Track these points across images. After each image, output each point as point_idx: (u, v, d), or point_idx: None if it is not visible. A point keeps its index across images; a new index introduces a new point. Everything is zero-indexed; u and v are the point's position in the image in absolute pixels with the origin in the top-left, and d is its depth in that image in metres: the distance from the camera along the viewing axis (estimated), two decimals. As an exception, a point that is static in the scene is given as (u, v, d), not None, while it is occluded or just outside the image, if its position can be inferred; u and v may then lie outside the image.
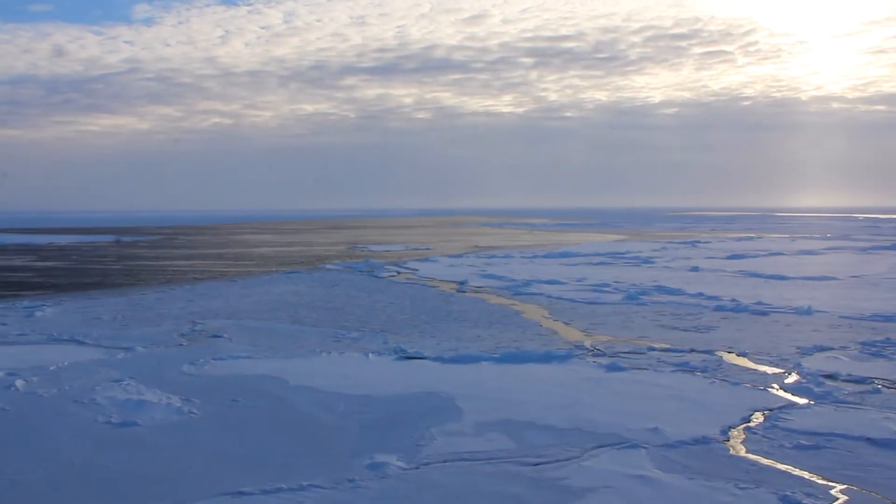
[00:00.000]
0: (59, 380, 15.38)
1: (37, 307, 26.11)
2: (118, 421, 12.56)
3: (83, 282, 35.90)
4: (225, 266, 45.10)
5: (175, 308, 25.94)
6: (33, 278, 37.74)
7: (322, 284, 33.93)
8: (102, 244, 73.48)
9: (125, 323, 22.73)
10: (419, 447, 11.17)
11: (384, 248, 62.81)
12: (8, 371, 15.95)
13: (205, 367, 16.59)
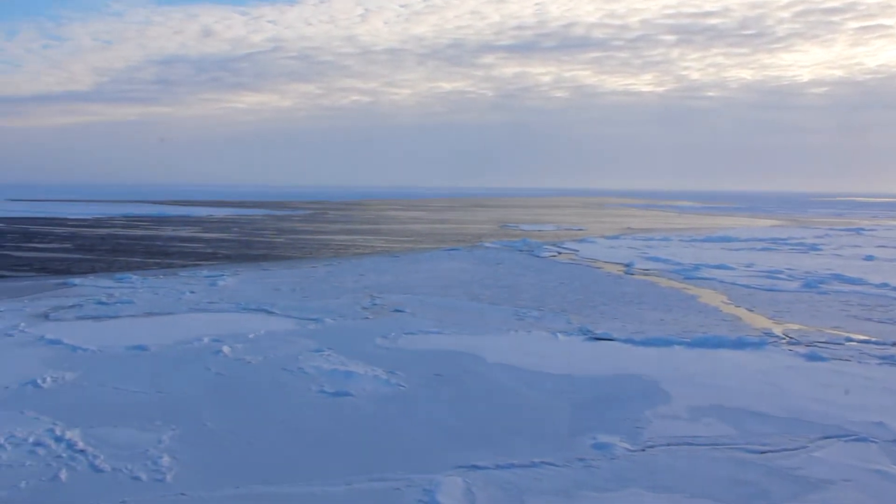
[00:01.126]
0: (261, 348, 16.17)
1: (217, 277, 27.43)
2: (332, 391, 13.13)
3: (251, 253, 37.47)
4: (384, 242, 46.23)
5: (348, 282, 26.79)
6: (204, 249, 39.66)
7: (486, 262, 34.32)
8: (258, 217, 76.19)
9: (305, 294, 23.59)
10: (638, 429, 11.29)
11: (536, 227, 62.90)
12: (212, 338, 16.91)
13: (398, 341, 17.11)
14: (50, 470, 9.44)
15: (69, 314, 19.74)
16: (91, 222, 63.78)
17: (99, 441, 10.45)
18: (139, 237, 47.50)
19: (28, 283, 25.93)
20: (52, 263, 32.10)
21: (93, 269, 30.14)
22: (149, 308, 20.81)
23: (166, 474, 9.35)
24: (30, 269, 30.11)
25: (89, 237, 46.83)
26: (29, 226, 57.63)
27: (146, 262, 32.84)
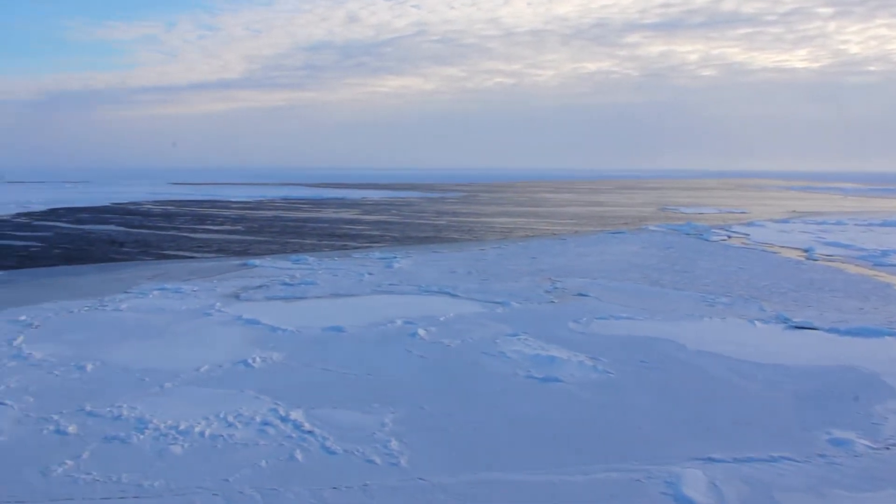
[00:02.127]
0: (456, 331, 16.08)
1: (390, 259, 27.68)
2: (540, 376, 12.88)
3: (417, 236, 37.75)
4: (545, 224, 45.89)
5: (522, 265, 26.59)
6: (370, 231, 40.25)
7: (655, 246, 33.46)
8: (413, 200, 77.04)
9: (483, 278, 23.44)
10: (875, 425, 10.60)
11: (696, 210, 61.15)
12: (404, 320, 16.95)
13: (591, 326, 16.73)
14: (284, 450, 9.51)
15: (258, 294, 20.17)
16: (253, 205, 65.93)
17: (323, 423, 10.48)
18: (304, 219, 48.65)
19: (211, 264, 26.81)
20: (229, 245, 33.20)
21: (268, 250, 30.89)
22: (332, 289, 21.08)
23: (399, 458, 9.28)
24: (210, 251, 31.20)
25: (256, 219, 48.30)
26: (197, 208, 60.04)
27: (318, 244, 33.53)
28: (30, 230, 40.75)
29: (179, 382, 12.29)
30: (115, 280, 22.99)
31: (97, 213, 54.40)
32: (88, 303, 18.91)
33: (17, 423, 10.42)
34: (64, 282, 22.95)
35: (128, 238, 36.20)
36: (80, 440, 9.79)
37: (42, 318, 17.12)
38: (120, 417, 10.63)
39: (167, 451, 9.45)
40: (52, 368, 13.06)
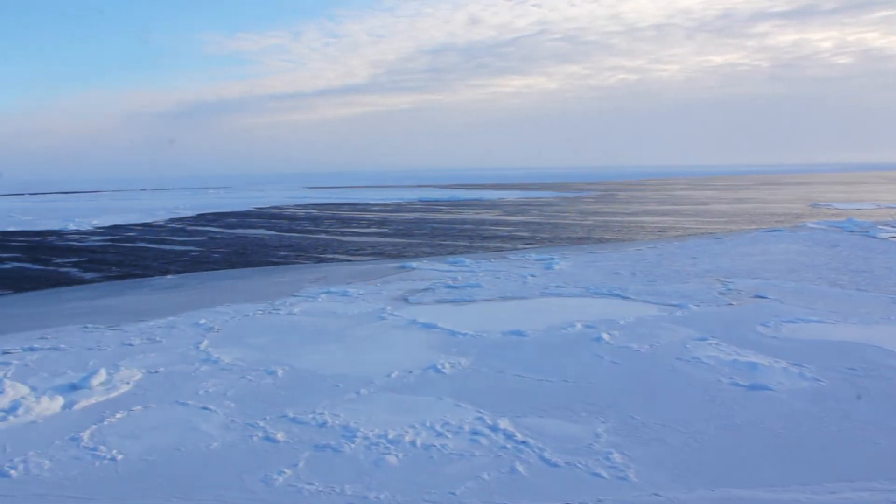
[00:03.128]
0: (640, 335, 15.47)
1: (548, 260, 27.15)
2: (746, 383, 12.18)
3: (568, 236, 37.08)
4: (694, 222, 44.61)
5: (685, 265, 25.70)
6: (518, 232, 39.90)
7: (819, 244, 31.84)
8: (549, 200, 76.28)
9: (649, 279, 22.70)
10: None
11: (852, 206, 58.18)
12: (584, 323, 16.42)
13: (781, 330, 15.86)
14: (503, 462, 9.13)
15: (426, 298, 19.95)
16: (392, 207, 66.46)
17: (534, 433, 10.06)
18: (448, 221, 48.59)
19: (369, 267, 26.85)
20: (382, 248, 33.32)
21: (422, 252, 30.80)
22: (499, 292, 20.69)
23: (627, 472, 8.77)
24: (364, 254, 31.32)
25: (401, 222, 48.53)
26: (338, 212, 60.89)
27: (471, 247, 33.29)
28: (185, 235, 41.99)
29: (374, 389, 12.06)
30: (280, 283, 23.19)
31: (243, 218, 55.75)
32: (260, 306, 19.02)
33: (225, 428, 10.32)
34: (231, 285, 23.32)
35: (280, 242, 36.78)
36: (291, 448, 9.62)
37: (220, 321, 17.29)
38: (325, 425, 10.43)
39: (383, 461, 9.17)
40: (244, 373, 13.01)
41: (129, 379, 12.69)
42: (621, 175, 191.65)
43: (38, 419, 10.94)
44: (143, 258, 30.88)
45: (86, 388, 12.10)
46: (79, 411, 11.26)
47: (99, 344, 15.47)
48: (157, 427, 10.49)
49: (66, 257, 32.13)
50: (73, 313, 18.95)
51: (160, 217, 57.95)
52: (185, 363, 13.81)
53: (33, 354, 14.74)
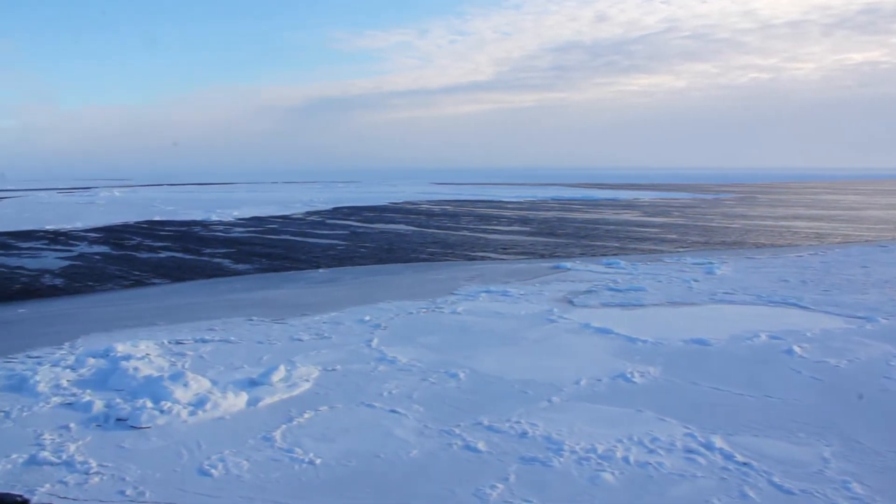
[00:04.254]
0: (834, 350, 14.71)
1: (706, 264, 26.06)
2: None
3: (721, 240, 35.70)
4: (850, 228, 42.57)
5: (855, 274, 24.31)
6: (665, 234, 38.84)
7: None
8: (687, 201, 74.19)
9: (823, 288, 21.49)
10: None
11: None
12: (768, 334, 15.84)
13: None
14: (730, 486, 8.40)
15: (591, 300, 19.22)
16: (527, 205, 65.77)
17: (753, 453, 9.27)
18: (589, 221, 47.63)
19: (522, 266, 26.27)
20: (530, 246, 32.75)
21: (571, 253, 30.08)
22: (666, 297, 19.80)
23: None
24: (513, 252, 30.77)
25: (540, 220, 47.86)
26: (474, 208, 60.62)
27: (622, 248, 32.38)
28: (326, 228, 42.27)
29: (566, 397, 11.41)
30: (436, 281, 22.79)
31: (380, 213, 55.96)
32: (422, 304, 18.64)
33: (420, 435, 9.83)
34: (386, 281, 23.10)
35: (424, 238, 36.53)
36: (496, 460, 9.05)
37: (384, 318, 16.97)
38: (526, 435, 9.82)
39: (599, 478, 8.50)
40: (425, 375, 12.55)
41: (308, 376, 12.37)
42: (755, 177, 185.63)
43: (225, 415, 10.68)
44: (291, 251, 31.06)
45: (266, 385, 11.81)
46: (265, 409, 10.95)
47: (268, 338, 15.26)
48: (348, 430, 10.08)
49: (215, 248, 32.60)
50: (235, 305, 18.91)
51: (297, 210, 58.76)
52: (360, 362, 13.42)
53: (205, 346, 14.62)
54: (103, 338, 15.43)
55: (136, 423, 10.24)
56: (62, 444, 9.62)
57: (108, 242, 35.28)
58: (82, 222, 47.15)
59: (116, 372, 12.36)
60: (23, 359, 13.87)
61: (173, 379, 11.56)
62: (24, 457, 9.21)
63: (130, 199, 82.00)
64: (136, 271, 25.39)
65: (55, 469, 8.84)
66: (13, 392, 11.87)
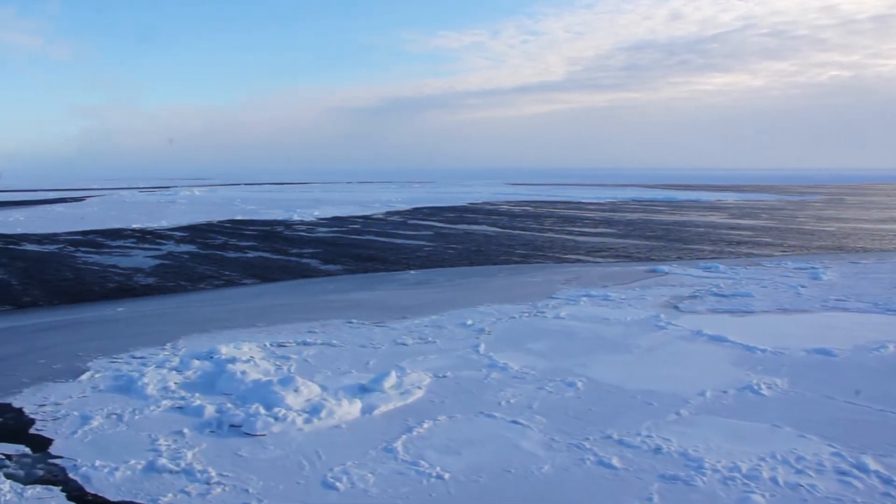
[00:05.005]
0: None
1: (810, 269, 25.07)
2: None
3: (819, 244, 34.32)
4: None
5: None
6: (758, 237, 37.77)
7: None
8: (773, 203, 72.30)
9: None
10: None
11: None
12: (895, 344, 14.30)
13: None
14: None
15: (697, 306, 18.46)
16: (608, 206, 64.78)
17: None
18: (675, 223, 46.56)
19: (617, 269, 25.61)
20: (622, 249, 32.07)
21: (665, 256, 29.18)
22: (774, 304, 18.99)
23: None
24: (606, 255, 30.07)
25: (625, 222, 47.05)
26: (554, 209, 59.87)
27: (719, 252, 31.41)
28: (410, 229, 41.95)
29: (694, 410, 10.75)
30: (531, 284, 22.25)
31: (461, 213, 55.52)
32: (522, 308, 18.15)
33: (548, 448, 9.28)
34: (480, 283, 22.65)
35: (510, 239, 35.99)
36: (635, 477, 8.47)
37: (487, 322, 16.53)
38: (660, 451, 9.18)
39: (749, 500, 7.80)
40: (541, 384, 12.03)
41: (420, 383, 11.91)
42: (838, 178, 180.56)
43: (341, 423, 10.28)
44: (378, 251, 30.78)
45: (378, 392, 11.38)
46: (380, 417, 10.52)
47: (371, 342, 14.88)
48: (472, 441, 9.56)
49: (301, 248, 32.48)
50: (331, 306, 18.61)
51: (377, 210, 58.65)
52: (471, 368, 12.92)
53: (308, 349, 14.30)
54: (204, 339, 15.17)
55: (250, 430, 9.86)
56: (178, 450, 9.28)
57: (195, 241, 35.42)
58: (167, 221, 47.61)
59: (223, 375, 12.06)
60: (127, 359, 13.65)
61: (283, 384, 11.17)
62: (141, 463, 8.88)
63: (210, 198, 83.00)
64: (225, 271, 25.29)
65: (175, 478, 8.48)
66: (122, 394, 11.63)
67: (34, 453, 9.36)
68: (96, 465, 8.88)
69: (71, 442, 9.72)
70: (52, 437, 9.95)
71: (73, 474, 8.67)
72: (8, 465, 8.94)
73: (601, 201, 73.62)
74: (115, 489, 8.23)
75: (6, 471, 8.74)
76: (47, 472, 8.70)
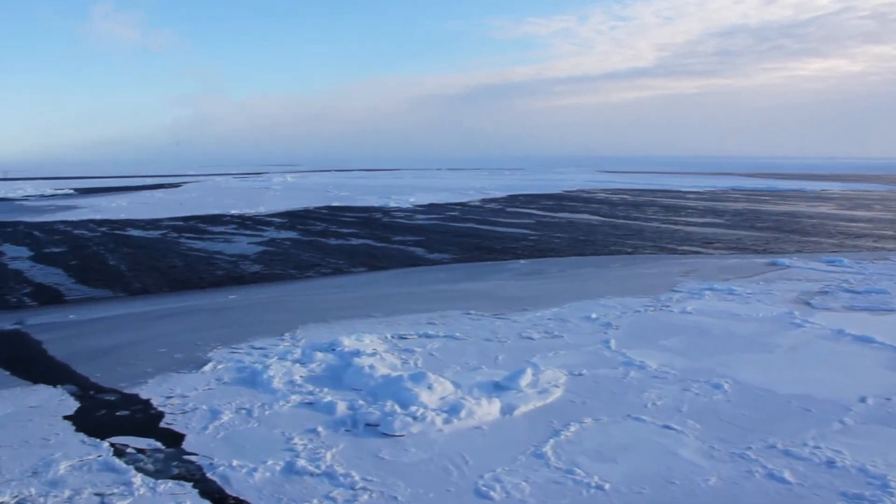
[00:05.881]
0: None
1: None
2: None
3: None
4: None
5: None
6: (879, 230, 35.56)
7: None
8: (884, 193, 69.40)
9: None
10: None
11: None
12: None
13: None
14: None
15: (830, 302, 17.53)
16: (708, 195, 63.16)
17: None
18: (784, 213, 45.00)
19: (735, 262, 24.60)
20: (736, 240, 30.81)
21: (781, 248, 27.90)
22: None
23: None
24: (719, 247, 28.97)
25: (731, 212, 45.88)
26: (653, 198, 58.56)
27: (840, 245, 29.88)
28: (510, 217, 41.29)
29: (859, 419, 9.97)
30: (647, 275, 21.42)
31: (559, 201, 54.63)
32: (645, 301, 17.41)
33: (708, 457, 8.59)
34: (594, 274, 21.97)
35: (616, 229, 35.06)
36: (812, 494, 7.93)
37: (611, 316, 15.82)
38: (834, 465, 8.55)
39: (954, 528, 6.84)
40: (684, 384, 11.27)
41: (556, 381, 11.26)
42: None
43: (482, 424, 9.68)
44: (483, 240, 30.19)
45: (514, 390, 10.75)
46: (522, 418, 9.89)
47: (495, 335, 14.27)
48: (625, 448, 8.87)
49: (404, 235, 32.08)
50: (445, 297, 18.09)
51: (472, 197, 58.09)
52: (606, 366, 12.20)
53: (432, 342, 13.78)
54: (321, 329, 14.79)
55: (388, 430, 9.33)
56: (316, 451, 8.80)
57: (295, 228, 35.36)
58: (264, 207, 47.84)
59: (350, 369, 11.60)
60: (248, 350, 13.31)
61: (415, 380, 10.64)
62: (280, 464, 8.43)
63: (303, 184, 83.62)
64: (331, 258, 25.01)
65: (317, 481, 8.00)
66: (248, 387, 11.25)
67: (167, 448, 9.00)
68: (234, 464, 8.45)
69: (203, 438, 9.32)
70: (183, 431, 9.58)
71: (210, 474, 8.25)
72: (142, 460, 8.59)
73: (700, 190, 71.85)
74: (257, 492, 7.78)
75: (140, 465, 8.40)
76: (184, 470, 8.35)
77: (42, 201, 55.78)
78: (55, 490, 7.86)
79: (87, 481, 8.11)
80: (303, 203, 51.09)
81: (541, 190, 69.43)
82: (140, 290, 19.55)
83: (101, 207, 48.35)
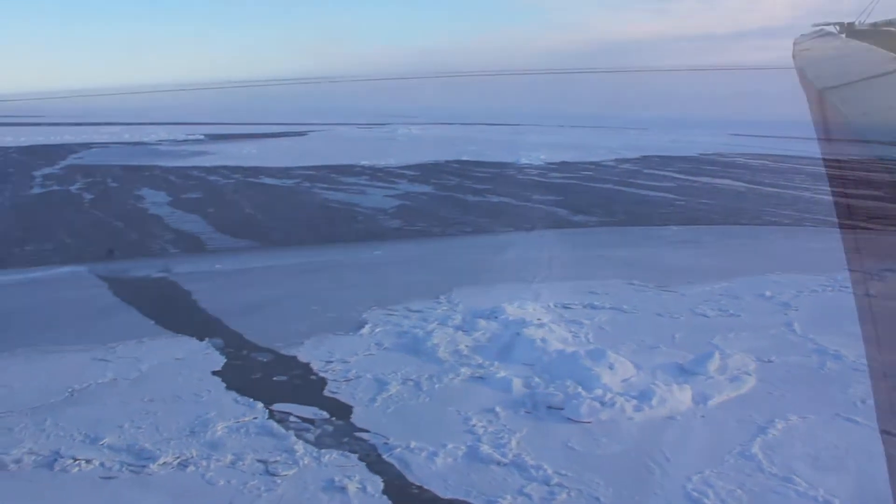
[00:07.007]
0: None
1: None
2: None
3: None
4: None
5: None
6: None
7: None
8: None
9: None
10: None
11: None
12: None
13: None
14: None
15: None
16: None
17: None
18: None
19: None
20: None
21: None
22: None
23: None
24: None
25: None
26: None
27: None
28: (648, 178, 39.70)
29: None
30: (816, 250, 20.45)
31: (696, 164, 52.26)
32: (820, 280, 16.49)
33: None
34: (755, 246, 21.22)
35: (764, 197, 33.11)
36: None
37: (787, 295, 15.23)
38: None
39: None
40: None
41: (745, 368, 10.27)
42: None
43: (675, 415, 8.76)
44: (625, 203, 28.86)
45: (703, 375, 9.79)
46: (717, 411, 8.95)
47: (666, 309, 13.25)
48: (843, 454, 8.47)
49: (543, 194, 30.98)
50: (601, 264, 17.13)
51: (604, 157, 56.13)
52: (795, 353, 11.12)
53: (598, 314, 13.06)
54: (477, 293, 14.09)
55: (574, 415, 8.50)
56: (499, 434, 8.04)
57: (428, 182, 34.77)
58: (394, 159, 47.29)
59: (518, 341, 10.86)
60: (404, 312, 12.70)
61: (593, 358, 9.77)
62: (462, 449, 7.73)
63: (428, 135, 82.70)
64: (471, 216, 24.23)
65: (506, 472, 7.25)
66: (411, 355, 10.61)
67: (337, 421, 8.34)
68: (412, 446, 7.74)
69: (373, 412, 8.70)
70: (349, 402, 9.01)
71: (387, 455, 7.61)
72: (312, 432, 7.96)
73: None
74: (442, 482, 7.08)
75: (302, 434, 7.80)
76: (359, 449, 7.67)
77: (175, 146, 56.59)
78: (216, 453, 7.38)
79: (247, 445, 7.67)
80: (431, 156, 50.35)
81: (673, 152, 66.83)
82: (281, 241, 19.22)
83: (231, 154, 48.69)
